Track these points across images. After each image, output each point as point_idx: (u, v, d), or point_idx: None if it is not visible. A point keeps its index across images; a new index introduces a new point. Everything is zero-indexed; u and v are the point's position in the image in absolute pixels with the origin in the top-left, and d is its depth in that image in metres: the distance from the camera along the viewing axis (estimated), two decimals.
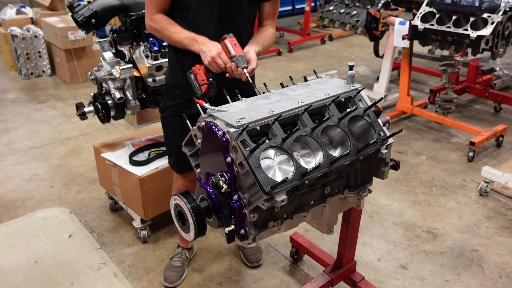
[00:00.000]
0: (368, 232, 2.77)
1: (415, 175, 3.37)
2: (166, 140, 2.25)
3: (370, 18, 4.22)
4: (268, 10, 2.02)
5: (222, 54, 1.75)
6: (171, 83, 2.08)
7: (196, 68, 1.78)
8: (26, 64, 5.49)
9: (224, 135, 1.38)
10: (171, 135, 2.16)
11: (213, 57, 1.74)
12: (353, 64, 1.68)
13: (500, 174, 3.02)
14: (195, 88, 1.77)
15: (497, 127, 3.68)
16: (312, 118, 1.52)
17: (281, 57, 6.35)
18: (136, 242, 2.72)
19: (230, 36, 1.76)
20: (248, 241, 1.46)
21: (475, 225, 2.83)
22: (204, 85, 1.74)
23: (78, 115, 2.70)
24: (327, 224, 1.76)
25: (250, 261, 2.50)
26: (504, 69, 4.45)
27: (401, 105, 4.13)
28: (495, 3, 3.26)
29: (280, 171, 1.39)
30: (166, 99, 2.11)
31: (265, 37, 1.96)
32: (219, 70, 1.77)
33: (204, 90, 1.75)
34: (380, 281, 2.39)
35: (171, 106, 2.08)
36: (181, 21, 1.91)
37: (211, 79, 1.78)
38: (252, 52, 1.80)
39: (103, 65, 2.64)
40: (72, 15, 2.43)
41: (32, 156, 3.75)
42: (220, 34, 1.85)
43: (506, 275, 2.44)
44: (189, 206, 1.43)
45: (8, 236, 2.75)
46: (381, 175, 1.69)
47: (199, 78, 1.76)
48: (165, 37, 1.92)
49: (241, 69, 1.72)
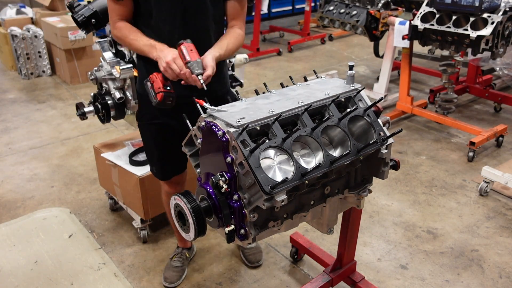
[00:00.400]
0: (368, 232, 2.77)
1: (415, 175, 3.37)
2: (146, 148, 2.20)
3: (370, 18, 4.22)
4: (233, 9, 1.93)
5: (178, 59, 1.68)
6: (141, 92, 2.02)
7: (153, 75, 1.72)
8: (26, 64, 5.49)
9: (224, 135, 1.38)
10: (151, 143, 2.12)
11: (168, 63, 1.67)
12: (353, 64, 1.68)
13: (500, 174, 3.02)
14: (151, 96, 1.71)
15: (497, 127, 3.68)
16: (312, 118, 1.52)
17: (281, 57, 6.35)
18: (136, 242, 2.72)
19: (187, 41, 1.71)
20: (248, 241, 1.46)
21: (475, 225, 2.83)
22: (160, 93, 1.67)
23: (78, 115, 2.70)
24: (327, 224, 1.76)
25: (250, 261, 2.50)
26: (504, 69, 4.45)
27: (401, 105, 4.13)
28: (495, 3, 3.26)
29: (280, 171, 1.39)
30: (141, 107, 2.07)
31: (230, 39, 1.88)
32: (175, 76, 1.70)
33: (159, 98, 1.68)
34: (380, 281, 2.39)
35: (147, 114, 2.04)
36: (144, 28, 1.87)
37: (169, 88, 1.71)
38: (209, 58, 1.73)
39: (103, 65, 2.64)
40: (72, 15, 2.43)
41: (32, 156, 3.75)
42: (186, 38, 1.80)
43: (506, 275, 2.44)
44: (189, 206, 1.43)
45: (8, 236, 2.75)
46: (381, 175, 1.69)
47: (155, 86, 1.70)
48: (127, 44, 1.87)
49: (195, 76, 1.66)
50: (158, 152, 2.12)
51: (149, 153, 2.20)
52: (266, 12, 7.69)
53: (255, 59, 6.13)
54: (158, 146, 2.10)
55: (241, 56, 3.24)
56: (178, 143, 2.11)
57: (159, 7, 1.81)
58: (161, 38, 1.84)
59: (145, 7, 1.83)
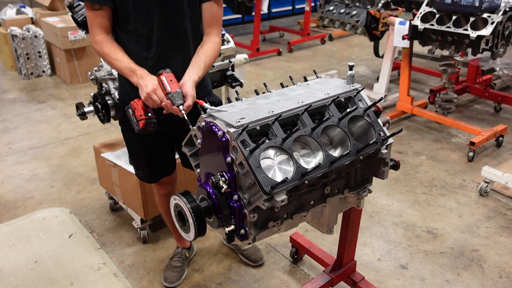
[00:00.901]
0: (368, 232, 2.77)
1: (415, 175, 3.37)
2: (131, 152, 2.19)
3: (370, 18, 4.22)
4: (209, 12, 1.89)
5: (158, 90, 1.67)
6: (122, 99, 2.02)
7: (134, 103, 1.72)
8: (26, 64, 5.49)
9: (224, 135, 1.38)
10: (137, 147, 2.11)
11: (149, 93, 1.67)
12: (353, 64, 1.68)
13: (500, 174, 3.02)
14: (133, 123, 1.72)
15: (497, 127, 3.68)
16: (312, 118, 1.52)
17: (281, 57, 6.35)
18: (136, 242, 2.72)
19: (166, 71, 1.70)
20: (248, 241, 1.46)
21: (475, 225, 2.83)
22: (142, 121, 1.68)
23: (78, 115, 2.70)
24: (327, 224, 1.76)
25: (254, 260, 2.50)
26: (504, 69, 4.45)
27: (401, 105, 4.13)
28: (495, 3, 3.26)
29: (280, 171, 1.39)
30: (123, 115, 2.04)
31: (207, 55, 1.86)
32: (156, 106, 1.70)
33: (141, 125, 1.69)
34: (380, 281, 2.39)
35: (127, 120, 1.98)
36: (122, 33, 1.86)
37: (150, 114, 1.71)
38: (189, 85, 1.71)
39: (103, 65, 2.64)
40: (72, 15, 2.42)
41: (32, 156, 3.75)
42: (163, 41, 1.81)
43: (506, 275, 2.44)
44: (189, 206, 1.43)
45: (8, 236, 2.75)
46: (381, 175, 1.69)
47: (137, 113, 1.70)
48: (107, 62, 1.84)
49: (176, 107, 1.65)
50: (144, 155, 2.11)
51: (135, 157, 2.19)
52: (266, 12, 7.70)
53: (255, 59, 6.13)
54: (144, 149, 2.09)
55: (241, 56, 3.24)
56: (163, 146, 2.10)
57: (137, 10, 1.79)
58: (139, 42, 1.83)
59: (123, 12, 1.81)
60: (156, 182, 2.22)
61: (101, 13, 1.80)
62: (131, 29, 1.83)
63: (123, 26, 1.84)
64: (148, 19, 1.80)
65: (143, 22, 1.81)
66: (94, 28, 1.82)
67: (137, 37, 1.83)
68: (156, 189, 2.28)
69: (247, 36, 7.10)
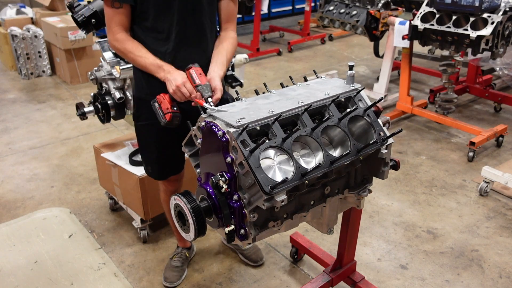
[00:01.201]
0: (368, 232, 2.77)
1: (415, 175, 3.37)
2: (143, 148, 2.19)
3: (370, 18, 4.22)
4: (225, 9, 1.96)
5: (187, 83, 1.73)
6: (137, 95, 2.05)
7: (160, 97, 1.77)
8: (26, 64, 5.49)
9: (224, 135, 1.38)
10: (150, 143, 2.12)
11: (178, 86, 1.72)
12: (353, 64, 1.68)
13: (500, 174, 3.02)
14: (159, 116, 1.76)
15: (497, 127, 3.68)
16: (312, 118, 1.52)
17: (281, 57, 6.35)
18: (136, 242, 2.72)
19: (195, 65, 1.76)
20: (248, 241, 1.46)
21: (475, 225, 2.83)
22: (169, 114, 1.73)
23: (78, 115, 2.70)
24: (327, 224, 1.76)
25: (254, 260, 2.50)
26: (504, 69, 4.45)
27: (401, 105, 4.13)
28: (495, 3, 3.26)
29: (280, 171, 1.39)
30: (138, 108, 2.08)
31: (228, 50, 1.92)
32: (184, 99, 1.75)
33: (168, 118, 1.74)
34: (380, 281, 2.39)
35: (144, 113, 2.04)
36: (139, 29, 1.88)
37: (175, 108, 1.76)
38: (217, 80, 1.77)
39: (103, 65, 2.64)
40: (72, 15, 2.43)
41: (32, 156, 3.75)
42: (182, 36, 1.83)
43: (506, 275, 2.44)
44: (189, 206, 1.43)
45: (8, 236, 2.75)
46: (381, 175, 1.69)
47: (163, 106, 1.75)
48: (129, 59, 1.87)
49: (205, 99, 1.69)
50: (157, 152, 2.12)
51: (146, 153, 2.19)
52: (266, 12, 7.70)
53: (255, 59, 6.13)
54: (157, 146, 2.10)
55: (241, 56, 3.24)
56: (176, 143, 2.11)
57: (157, 6, 1.82)
58: (157, 39, 1.86)
59: (142, 8, 1.83)
60: (165, 179, 2.22)
61: (121, 11, 1.82)
62: (149, 25, 1.85)
63: (141, 23, 1.87)
64: (167, 15, 1.83)
65: (162, 18, 1.83)
66: (114, 26, 1.84)
67: (155, 33, 1.86)
68: (163, 186, 2.27)
69: (247, 36, 7.09)
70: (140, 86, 2.00)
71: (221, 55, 1.89)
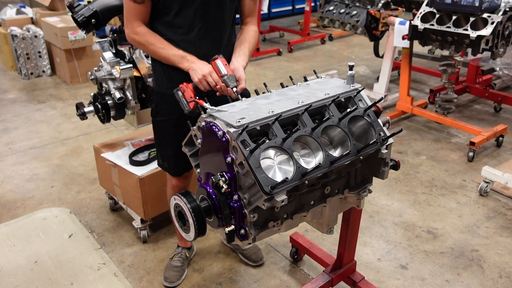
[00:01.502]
0: (368, 232, 2.77)
1: (415, 175, 3.37)
2: (160, 144, 2.20)
3: (370, 18, 4.22)
4: (248, 5, 2.02)
5: (213, 73, 1.77)
6: (158, 89, 2.06)
7: (183, 86, 1.79)
8: (26, 64, 5.49)
9: (224, 135, 1.38)
10: (167, 139, 2.12)
11: (205, 75, 1.76)
12: (353, 64, 1.68)
13: (500, 174, 3.02)
14: (182, 104, 1.79)
15: (497, 127, 3.68)
16: (312, 118, 1.52)
17: (281, 57, 6.35)
18: (136, 242, 2.72)
19: (220, 56, 1.81)
20: (248, 241, 1.46)
21: (475, 225, 2.83)
22: (192, 102, 1.76)
23: (78, 115, 2.70)
24: (327, 224, 1.76)
25: (254, 260, 2.50)
26: (504, 69, 4.45)
27: (401, 105, 4.13)
28: (495, 3, 3.26)
29: (280, 171, 1.39)
30: (157, 103, 2.09)
31: (251, 42, 1.98)
32: (208, 88, 1.79)
33: (192, 107, 1.77)
34: (380, 281, 2.39)
35: (163, 108, 2.05)
36: (159, 24, 1.90)
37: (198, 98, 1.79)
38: (241, 70, 1.82)
39: (103, 65, 2.64)
40: (72, 15, 2.43)
41: (32, 156, 3.75)
42: (202, 32, 1.86)
43: (506, 275, 2.44)
44: (189, 206, 1.43)
45: (8, 236, 2.75)
46: (381, 175, 1.69)
47: (186, 95, 1.78)
48: (150, 51, 1.90)
49: (230, 89, 1.75)
50: (176, 148, 2.10)
51: (163, 149, 2.19)
52: (266, 12, 7.70)
53: (255, 59, 6.13)
54: (174, 142, 2.07)
55: None
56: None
57: (181, 2, 1.84)
58: (177, 33, 1.88)
59: (165, 3, 1.85)
60: (180, 175, 2.23)
61: (143, 5, 1.85)
62: (170, 20, 1.88)
63: (161, 18, 1.89)
64: (190, 10, 1.86)
65: (184, 13, 1.86)
66: (134, 20, 1.87)
67: (175, 28, 1.88)
68: (173, 182, 2.27)
69: None
70: (160, 80, 2.02)
71: (244, 46, 1.94)
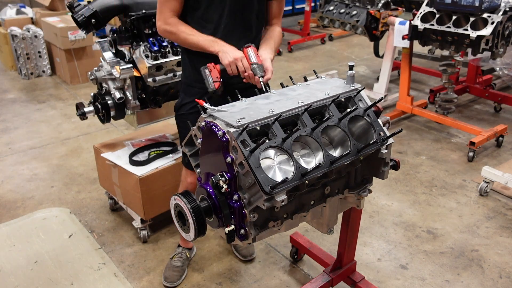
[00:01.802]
0: (368, 232, 2.77)
1: (415, 175, 3.37)
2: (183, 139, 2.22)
3: (370, 18, 4.22)
4: (275, 8, 2.10)
5: (244, 59, 1.82)
6: (185, 81, 2.12)
7: (211, 65, 1.84)
8: (26, 64, 5.49)
9: (224, 135, 1.38)
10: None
11: (236, 59, 1.81)
12: (353, 64, 1.68)
13: (500, 174, 3.02)
14: (207, 83, 1.83)
15: (497, 127, 3.68)
16: (312, 118, 1.52)
17: (281, 57, 6.35)
18: (136, 242, 2.72)
19: (253, 45, 1.86)
20: (248, 241, 1.46)
21: (475, 225, 2.83)
22: (217, 82, 1.81)
23: (78, 115, 2.70)
24: (327, 224, 1.76)
25: (244, 255, 2.53)
26: (504, 69, 4.45)
27: (401, 105, 4.13)
28: (495, 3, 3.26)
29: (280, 171, 1.39)
30: (183, 97, 2.13)
31: (276, 40, 2.06)
32: (236, 73, 1.83)
33: (216, 86, 1.82)
34: (380, 281, 2.39)
35: (188, 102, 2.09)
36: (188, 19, 1.97)
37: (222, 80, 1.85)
38: (269, 62, 1.87)
39: (103, 65, 2.64)
40: (72, 15, 2.43)
41: (32, 156, 3.75)
42: (229, 29, 1.93)
43: (506, 275, 2.44)
44: (189, 206, 1.43)
45: (8, 236, 2.75)
46: (381, 175, 1.69)
47: (213, 74, 1.83)
48: (181, 39, 1.95)
49: (258, 77, 1.79)
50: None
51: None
52: None
53: None
54: None
55: None
56: None
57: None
58: (206, 29, 1.94)
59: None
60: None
61: None
62: (200, 15, 1.94)
63: (192, 13, 1.96)
64: (219, 6, 1.92)
65: (213, 9, 1.92)
66: (166, 11, 1.94)
67: (204, 23, 1.95)
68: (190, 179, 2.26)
69: None
70: (189, 72, 2.08)
71: (270, 42, 2.02)
